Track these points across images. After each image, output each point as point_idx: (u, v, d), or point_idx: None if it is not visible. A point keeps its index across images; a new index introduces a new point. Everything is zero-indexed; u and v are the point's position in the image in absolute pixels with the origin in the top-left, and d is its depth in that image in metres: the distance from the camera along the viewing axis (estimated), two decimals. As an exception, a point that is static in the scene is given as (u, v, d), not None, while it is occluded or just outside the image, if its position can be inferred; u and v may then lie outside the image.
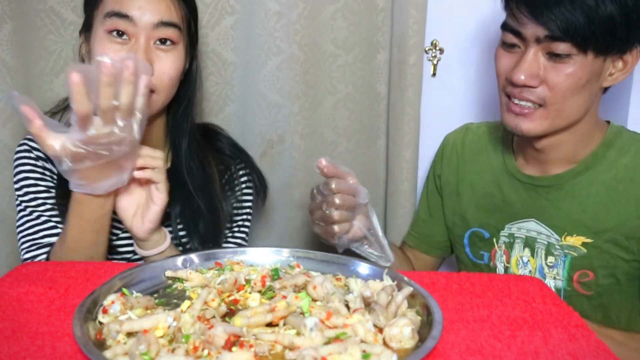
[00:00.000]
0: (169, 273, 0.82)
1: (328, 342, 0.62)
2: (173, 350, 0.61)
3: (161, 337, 0.64)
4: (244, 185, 1.22)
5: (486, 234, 1.19)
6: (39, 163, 1.09)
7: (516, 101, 1.02)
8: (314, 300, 0.74)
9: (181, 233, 1.13)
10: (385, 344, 0.64)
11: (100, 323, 0.68)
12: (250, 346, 0.62)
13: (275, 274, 0.81)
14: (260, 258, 0.87)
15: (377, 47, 1.39)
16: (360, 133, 1.44)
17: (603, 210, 1.05)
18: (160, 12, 1.02)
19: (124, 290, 0.75)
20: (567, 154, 1.08)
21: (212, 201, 1.14)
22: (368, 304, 0.70)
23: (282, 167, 1.42)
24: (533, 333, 0.69)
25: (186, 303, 0.71)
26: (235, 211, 1.21)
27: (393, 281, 0.77)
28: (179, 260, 0.85)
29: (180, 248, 1.11)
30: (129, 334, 0.64)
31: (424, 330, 0.67)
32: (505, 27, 1.04)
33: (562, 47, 0.96)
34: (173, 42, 1.04)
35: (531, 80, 0.99)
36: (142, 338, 0.60)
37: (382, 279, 0.78)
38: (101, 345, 0.64)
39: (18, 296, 0.76)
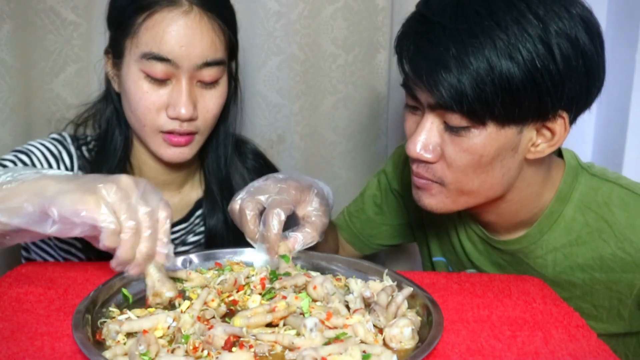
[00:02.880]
0: (168, 273, 0.82)
1: (328, 342, 0.62)
2: (173, 351, 0.61)
3: (161, 337, 0.64)
4: None
5: (450, 267, 1.08)
6: (36, 162, 1.01)
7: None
8: (314, 300, 0.74)
9: None
10: (385, 344, 0.64)
11: (100, 323, 0.68)
12: (250, 346, 0.62)
13: (273, 276, 0.80)
14: (260, 258, 0.87)
15: (377, 47, 1.39)
16: (360, 133, 1.44)
17: (564, 279, 0.92)
18: (204, 50, 0.93)
19: (124, 290, 0.75)
20: (512, 221, 0.93)
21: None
22: (368, 305, 0.70)
23: (282, 167, 1.42)
24: (533, 333, 0.69)
25: (186, 303, 0.71)
26: None
27: (393, 281, 0.77)
28: (179, 260, 0.85)
29: None
30: (129, 334, 0.64)
31: (424, 331, 0.67)
32: (403, 85, 0.88)
33: (454, 118, 0.80)
34: (217, 79, 0.97)
35: (426, 153, 0.83)
36: (141, 338, 0.60)
37: (382, 279, 0.78)
38: (101, 345, 0.64)
39: (17, 296, 0.76)
